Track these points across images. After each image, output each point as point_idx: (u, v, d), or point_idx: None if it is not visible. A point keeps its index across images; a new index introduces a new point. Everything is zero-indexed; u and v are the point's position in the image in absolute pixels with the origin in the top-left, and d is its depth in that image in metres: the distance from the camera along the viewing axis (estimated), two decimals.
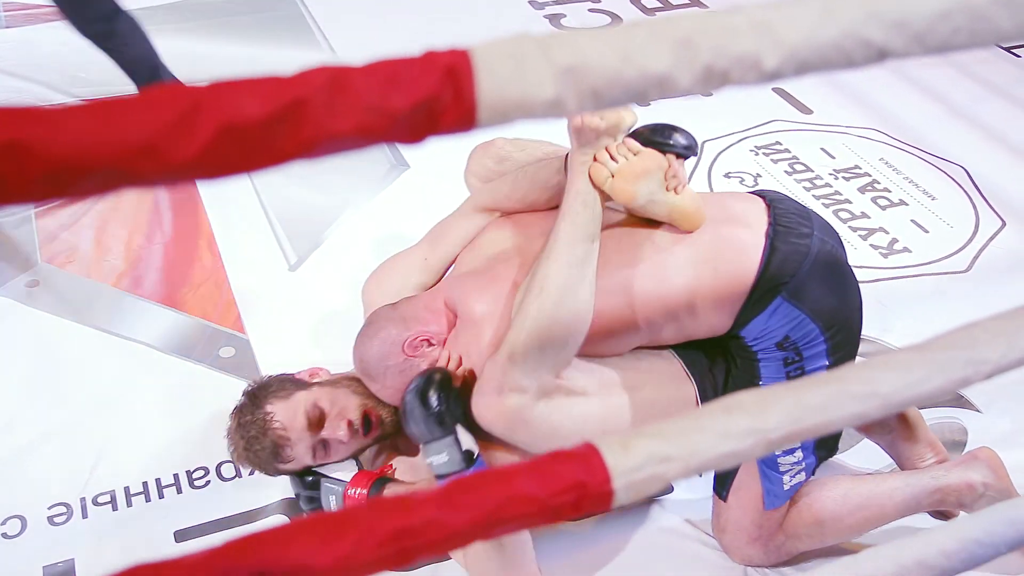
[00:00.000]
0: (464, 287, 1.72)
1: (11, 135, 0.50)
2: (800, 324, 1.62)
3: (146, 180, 0.53)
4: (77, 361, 2.31)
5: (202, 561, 0.66)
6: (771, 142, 3.19)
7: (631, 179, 1.52)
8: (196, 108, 0.53)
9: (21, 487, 1.99)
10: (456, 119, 0.60)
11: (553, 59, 0.62)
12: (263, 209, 2.80)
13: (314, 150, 0.57)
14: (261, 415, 1.77)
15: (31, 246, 2.66)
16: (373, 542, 0.68)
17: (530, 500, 0.72)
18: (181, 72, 2.96)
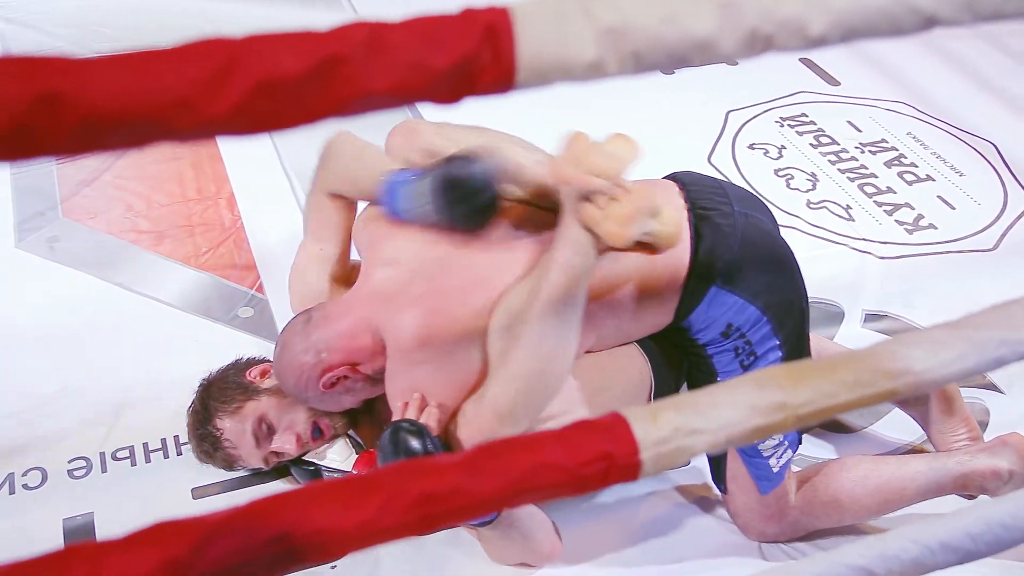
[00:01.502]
0: (395, 319, 1.58)
1: (44, 86, 0.49)
2: (740, 309, 1.59)
3: (179, 134, 0.52)
4: (97, 317, 2.31)
5: (225, 521, 0.66)
6: (797, 113, 3.14)
7: (624, 221, 1.32)
8: (232, 62, 0.52)
9: (42, 440, 2.00)
10: (494, 80, 0.59)
11: (595, 19, 0.60)
12: (284, 169, 2.79)
13: (349, 108, 0.56)
14: (211, 430, 1.82)
15: (52, 201, 2.66)
16: (398, 507, 0.67)
17: (557, 469, 0.71)
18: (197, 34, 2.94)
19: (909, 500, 1.76)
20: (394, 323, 1.57)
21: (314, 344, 1.63)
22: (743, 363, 1.64)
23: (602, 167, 1.28)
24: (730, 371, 1.65)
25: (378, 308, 1.60)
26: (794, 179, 2.82)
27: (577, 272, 1.39)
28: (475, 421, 1.50)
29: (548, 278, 1.40)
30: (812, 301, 2.31)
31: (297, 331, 1.68)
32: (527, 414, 1.50)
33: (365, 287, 1.66)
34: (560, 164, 1.31)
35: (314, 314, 1.68)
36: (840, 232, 2.61)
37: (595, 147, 1.29)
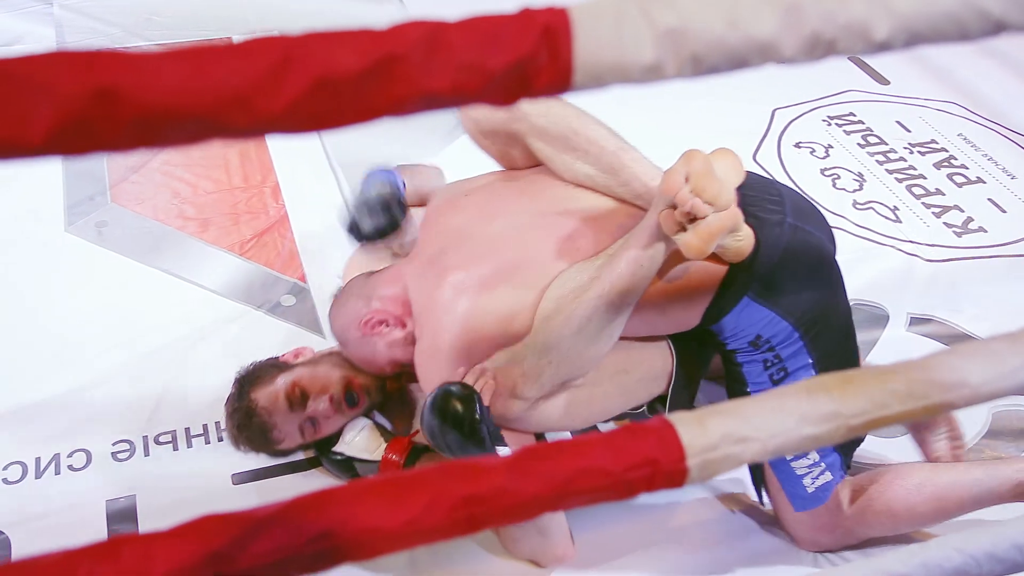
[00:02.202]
0: (426, 285, 1.67)
1: (102, 81, 0.49)
2: (770, 323, 1.57)
3: (235, 131, 0.52)
4: (143, 302, 2.34)
5: (270, 515, 0.66)
6: (845, 112, 3.10)
7: (708, 238, 1.36)
8: (288, 60, 0.52)
9: (87, 422, 2.03)
10: (550, 81, 0.58)
11: (654, 21, 0.59)
12: (328, 160, 2.80)
13: (405, 108, 0.55)
14: (245, 403, 1.82)
15: (102, 186, 2.70)
16: (443, 507, 0.67)
17: (602, 473, 0.70)
18: (248, 24, 2.97)
19: (967, 508, 1.71)
20: (420, 287, 1.68)
21: (366, 292, 1.76)
22: (772, 377, 1.62)
23: (712, 195, 1.31)
24: (760, 383, 1.64)
25: (414, 273, 1.71)
26: (840, 179, 2.78)
27: (643, 271, 1.45)
28: (504, 372, 1.54)
29: (614, 268, 1.46)
30: (856, 303, 2.30)
31: (358, 282, 1.82)
32: (550, 384, 1.56)
33: (412, 255, 1.78)
34: (674, 180, 1.32)
35: (375, 272, 1.82)
36: (887, 233, 2.57)
37: (710, 172, 1.31)
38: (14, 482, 1.90)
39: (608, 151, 1.60)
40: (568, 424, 1.71)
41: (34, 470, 1.93)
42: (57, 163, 2.74)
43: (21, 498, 1.87)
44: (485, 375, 1.57)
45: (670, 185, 1.33)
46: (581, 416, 1.68)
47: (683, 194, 1.31)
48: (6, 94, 0.47)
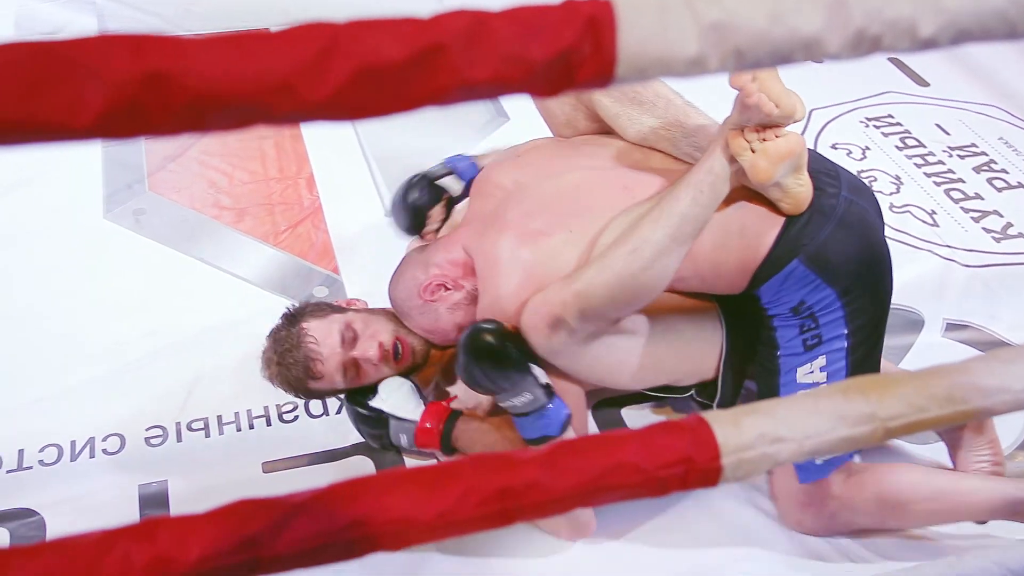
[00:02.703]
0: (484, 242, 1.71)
1: (153, 65, 0.49)
2: (816, 288, 1.57)
3: (280, 117, 0.52)
4: (178, 289, 2.36)
5: (305, 502, 0.67)
6: (883, 114, 3.06)
7: (775, 159, 1.40)
8: (333, 47, 0.52)
9: (121, 407, 2.05)
10: (593, 73, 0.58)
11: (699, 14, 0.59)
12: (363, 152, 2.81)
13: (447, 97, 0.55)
14: (296, 330, 1.81)
15: (140, 174, 2.73)
16: (476, 499, 0.67)
17: (636, 470, 0.70)
18: (287, 15, 2.98)
19: (960, 516, 1.70)
20: (479, 244, 1.71)
21: (423, 260, 1.80)
22: (806, 342, 1.62)
23: (778, 92, 1.34)
24: (792, 347, 1.63)
25: (473, 232, 1.75)
26: (877, 181, 2.75)
27: (705, 199, 1.46)
28: (553, 293, 1.54)
29: (676, 194, 1.48)
30: (892, 308, 2.27)
31: (414, 255, 1.86)
32: (602, 313, 1.54)
33: (467, 218, 1.83)
34: (743, 76, 1.35)
35: (431, 243, 1.86)
36: (923, 237, 2.53)
37: (776, 75, 1.35)
38: (50, 464, 1.93)
39: (676, 104, 1.65)
40: (617, 378, 1.70)
41: (69, 452, 1.95)
42: (96, 151, 2.78)
43: (56, 479, 1.89)
44: None
45: (740, 79, 1.36)
46: (630, 370, 1.67)
47: (750, 86, 1.34)
48: (58, 77, 0.48)
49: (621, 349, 1.63)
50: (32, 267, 2.42)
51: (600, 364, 1.64)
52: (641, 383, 1.74)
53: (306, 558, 0.67)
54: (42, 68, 0.49)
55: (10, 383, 2.09)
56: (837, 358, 1.62)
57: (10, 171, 2.65)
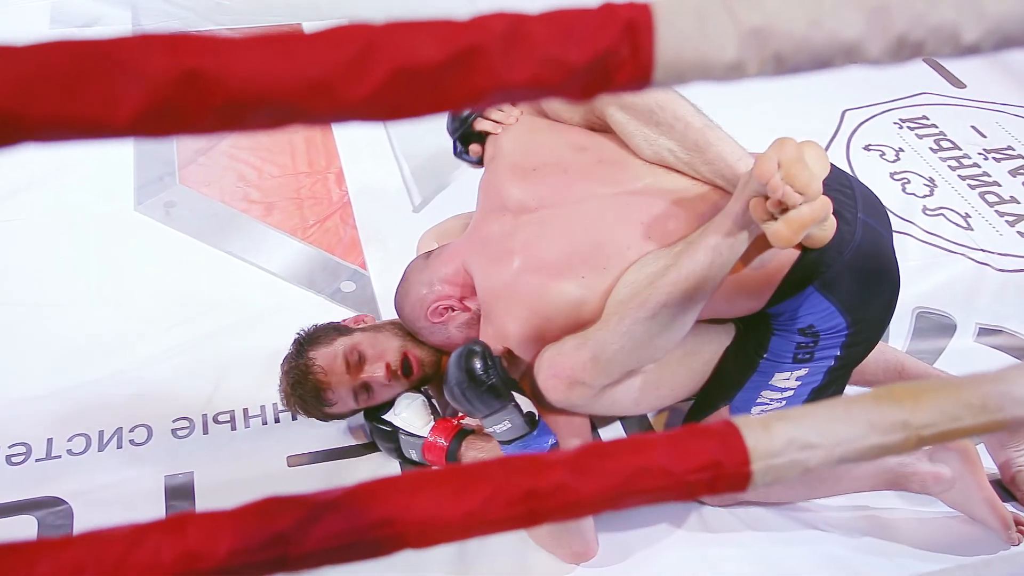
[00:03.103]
0: (486, 267, 1.67)
1: (190, 64, 0.49)
2: (828, 316, 1.56)
3: (316, 117, 0.53)
4: (207, 282, 2.38)
5: (334, 500, 0.67)
6: (917, 116, 3.03)
7: (798, 229, 1.34)
8: (371, 48, 0.52)
9: (149, 398, 2.07)
10: (630, 77, 0.57)
11: (738, 19, 0.58)
12: (392, 149, 2.82)
13: (483, 99, 0.55)
14: (303, 361, 1.83)
15: (171, 167, 2.75)
16: (503, 500, 0.67)
17: (664, 474, 0.70)
18: (319, 11, 2.99)
19: (844, 489, 1.77)
20: (485, 270, 1.67)
21: (427, 278, 1.76)
22: (796, 356, 1.61)
23: (803, 183, 1.29)
24: (780, 356, 1.62)
25: (475, 252, 1.71)
26: (911, 183, 2.72)
27: (723, 260, 1.43)
28: (571, 355, 1.53)
29: (692, 255, 1.43)
30: (923, 311, 2.25)
31: (418, 266, 1.82)
32: (619, 371, 1.54)
33: (471, 229, 1.77)
34: (767, 166, 1.30)
35: (433, 253, 1.82)
36: (957, 241, 2.50)
37: (801, 160, 1.29)
38: (78, 453, 1.95)
39: (694, 127, 1.56)
40: (634, 409, 1.70)
41: (97, 443, 1.97)
42: (129, 144, 2.80)
43: (84, 469, 1.92)
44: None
45: (763, 171, 1.30)
46: (648, 400, 1.67)
47: (775, 181, 1.29)
48: (97, 74, 0.48)
49: (638, 387, 1.62)
50: (63, 257, 2.45)
51: (617, 405, 1.64)
52: (657, 408, 1.74)
53: (334, 555, 0.67)
54: (81, 66, 0.49)
55: (40, 372, 2.12)
56: (817, 371, 1.62)
57: (45, 161, 2.68)
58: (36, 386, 2.08)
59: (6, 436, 1.97)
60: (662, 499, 0.72)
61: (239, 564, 0.65)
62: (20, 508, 1.83)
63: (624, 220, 1.58)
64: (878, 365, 1.86)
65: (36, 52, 0.49)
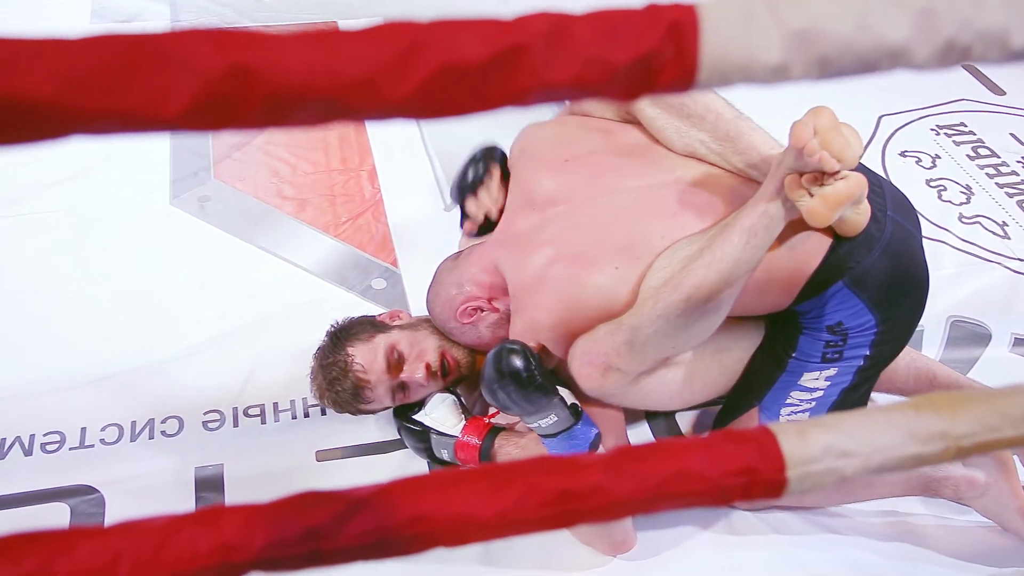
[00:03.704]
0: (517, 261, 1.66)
1: (239, 59, 0.50)
2: (857, 312, 1.54)
3: (360, 114, 0.53)
4: (239, 276, 2.40)
5: (368, 496, 0.67)
6: (955, 122, 2.99)
7: (834, 205, 1.34)
8: (416, 46, 0.52)
9: (181, 390, 2.09)
10: (674, 78, 0.57)
11: (783, 21, 0.58)
12: (425, 147, 2.83)
13: (527, 98, 0.55)
14: (342, 357, 1.81)
15: (206, 162, 2.77)
16: (537, 500, 0.67)
17: (699, 478, 0.69)
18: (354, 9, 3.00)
19: (875, 494, 1.75)
20: (515, 264, 1.66)
21: (456, 278, 1.76)
22: (826, 355, 1.59)
23: (839, 148, 1.28)
24: (809, 356, 1.60)
25: (505, 249, 1.70)
26: (947, 191, 2.69)
27: (758, 241, 1.41)
28: (604, 341, 1.51)
29: (728, 238, 1.42)
30: (958, 320, 2.22)
31: (447, 267, 1.82)
32: (654, 356, 1.53)
33: (500, 227, 1.76)
34: (803, 132, 1.30)
35: (462, 253, 1.81)
36: (993, 249, 2.47)
37: (837, 127, 1.29)
38: (111, 443, 1.97)
39: (726, 118, 1.57)
40: (667, 404, 1.70)
41: (129, 433, 2.00)
42: (165, 138, 2.83)
43: (116, 458, 1.94)
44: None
45: (799, 136, 1.30)
46: (682, 395, 1.66)
47: (812, 144, 1.28)
48: (147, 68, 0.49)
49: (672, 380, 1.62)
50: (100, 248, 2.48)
51: (650, 397, 1.63)
52: (690, 404, 1.73)
53: (367, 552, 0.67)
54: (132, 59, 0.50)
55: (75, 362, 2.14)
56: (847, 371, 1.60)
57: (83, 154, 2.71)
58: (71, 376, 2.11)
59: (41, 424, 2.00)
60: (697, 504, 0.72)
61: (273, 557, 0.66)
62: (53, 495, 1.85)
63: (656, 211, 1.57)
64: (909, 373, 1.84)
65: (87, 45, 0.50)
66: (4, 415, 2.01)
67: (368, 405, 1.85)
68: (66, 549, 0.63)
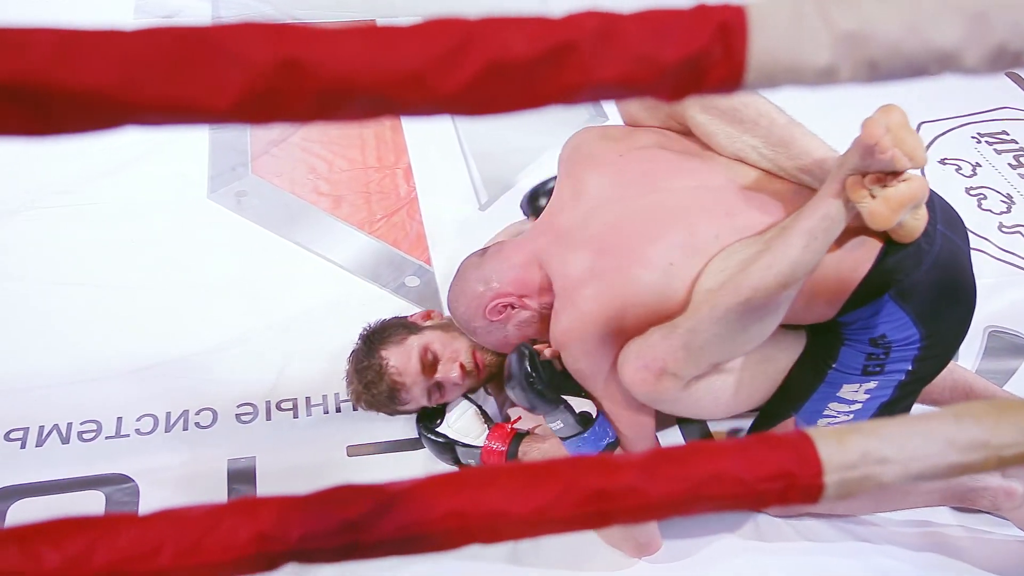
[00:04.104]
0: (564, 256, 1.63)
1: (290, 52, 0.50)
2: (902, 326, 1.52)
3: (408, 109, 0.53)
4: (274, 271, 2.42)
5: (405, 491, 0.67)
6: (997, 130, 2.95)
7: (896, 207, 1.33)
8: (466, 42, 0.52)
9: (215, 382, 2.11)
10: (722, 78, 0.57)
11: (833, 23, 0.58)
12: (461, 147, 2.83)
13: (574, 96, 0.55)
14: (377, 361, 1.82)
15: (244, 157, 2.80)
16: (572, 499, 0.67)
17: (735, 481, 0.69)
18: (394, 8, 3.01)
19: (912, 503, 1.74)
20: (563, 258, 1.63)
21: (485, 274, 1.72)
22: (867, 368, 1.57)
23: (912, 146, 1.28)
24: (849, 367, 1.58)
25: (549, 243, 1.67)
26: (987, 199, 2.65)
27: (817, 244, 1.40)
28: (660, 345, 1.49)
29: (787, 240, 1.40)
30: (995, 330, 2.19)
31: (472, 263, 1.78)
32: (709, 361, 1.51)
33: (542, 222, 1.73)
34: (876, 129, 1.29)
35: (490, 248, 1.78)
36: None
37: (908, 124, 1.29)
38: (146, 433, 2.00)
39: (779, 123, 1.55)
40: (711, 413, 1.68)
41: (164, 423, 2.02)
42: (204, 132, 2.86)
43: (151, 449, 1.96)
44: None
45: (871, 132, 1.29)
46: (727, 404, 1.64)
47: (885, 141, 1.27)
48: (201, 60, 0.49)
49: (720, 388, 1.60)
50: (138, 241, 2.51)
51: (699, 405, 1.61)
52: (733, 413, 1.71)
53: (402, 546, 0.67)
54: (186, 52, 0.51)
55: (112, 353, 2.17)
56: (887, 384, 1.58)
57: (125, 147, 2.74)
58: (108, 366, 2.13)
59: (78, 413, 2.02)
60: (731, 507, 0.72)
61: (310, 549, 0.66)
62: (89, 483, 1.88)
63: (710, 211, 1.56)
64: (944, 384, 1.82)
65: (143, 38, 0.51)
66: (42, 403, 2.04)
67: (405, 406, 1.86)
68: (108, 535, 0.64)
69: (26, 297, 2.32)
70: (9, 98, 0.50)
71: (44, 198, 2.63)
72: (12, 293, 2.34)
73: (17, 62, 0.49)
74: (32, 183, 2.67)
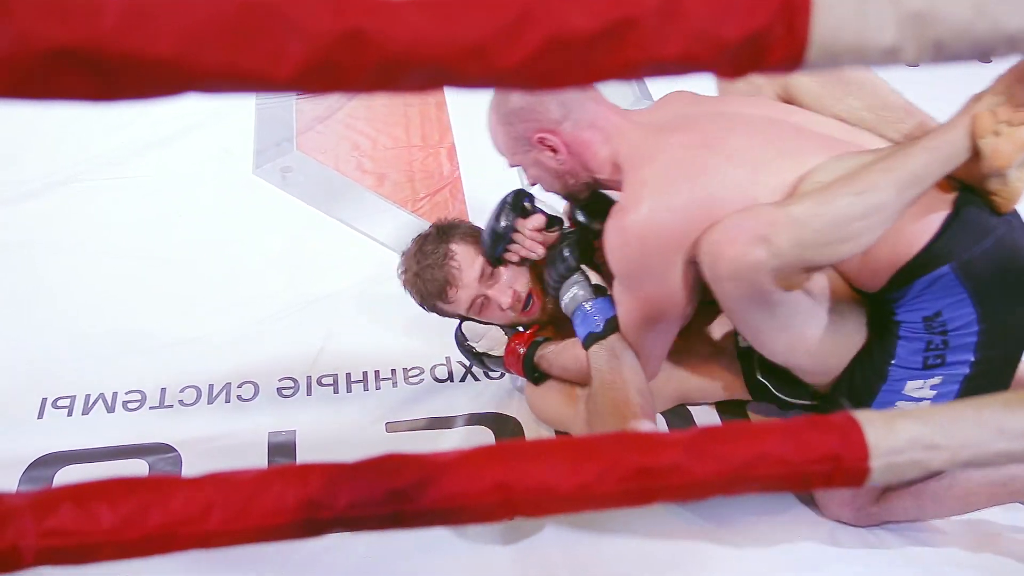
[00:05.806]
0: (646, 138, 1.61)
1: (352, 23, 0.51)
2: (958, 303, 1.48)
3: (468, 81, 0.53)
4: (318, 247, 2.44)
5: (452, 462, 0.68)
6: None
7: (1019, 147, 1.36)
8: (527, 15, 0.52)
9: (257, 356, 2.13)
10: (783, 57, 0.56)
11: (899, 2, 0.57)
12: None
13: (634, 72, 0.55)
14: (444, 249, 1.83)
15: (289, 133, 2.82)
16: (617, 475, 0.67)
17: (781, 462, 0.69)
18: None
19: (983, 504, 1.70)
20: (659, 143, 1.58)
21: (563, 100, 1.62)
22: (927, 360, 1.53)
23: None
24: (910, 362, 1.54)
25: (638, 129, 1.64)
26: None
27: (937, 166, 1.40)
28: (764, 213, 1.43)
29: (910, 152, 1.40)
30: None
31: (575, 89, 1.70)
32: (809, 246, 1.42)
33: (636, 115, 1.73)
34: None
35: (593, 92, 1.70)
36: None
37: None
38: (189, 404, 2.02)
39: (884, 88, 1.59)
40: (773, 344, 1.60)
41: (207, 395, 2.04)
42: (251, 107, 2.88)
43: (193, 420, 1.99)
44: None
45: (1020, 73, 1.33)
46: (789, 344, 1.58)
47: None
48: (263, 29, 0.50)
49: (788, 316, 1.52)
50: (184, 215, 2.54)
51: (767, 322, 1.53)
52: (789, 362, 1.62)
53: (447, 516, 0.68)
54: (249, 20, 0.51)
55: (156, 324, 2.20)
56: (953, 380, 1.54)
57: (171, 121, 2.78)
58: (153, 337, 2.17)
59: (123, 383, 2.06)
60: (777, 488, 0.72)
61: (356, 516, 0.67)
62: (133, 452, 1.91)
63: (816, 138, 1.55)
64: None
65: (205, 5, 0.51)
66: (88, 372, 2.08)
67: (446, 305, 1.86)
68: (162, 497, 0.65)
69: (74, 268, 2.36)
70: (76, 63, 0.51)
71: (92, 170, 2.67)
72: (60, 264, 2.38)
73: (85, 29, 0.50)
74: (80, 155, 2.71)
